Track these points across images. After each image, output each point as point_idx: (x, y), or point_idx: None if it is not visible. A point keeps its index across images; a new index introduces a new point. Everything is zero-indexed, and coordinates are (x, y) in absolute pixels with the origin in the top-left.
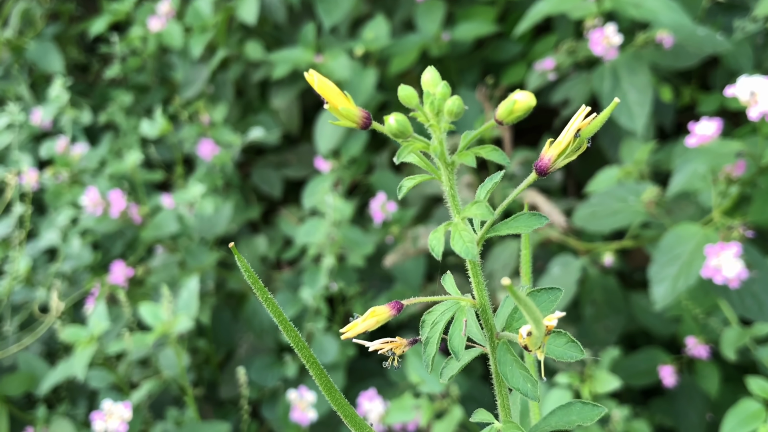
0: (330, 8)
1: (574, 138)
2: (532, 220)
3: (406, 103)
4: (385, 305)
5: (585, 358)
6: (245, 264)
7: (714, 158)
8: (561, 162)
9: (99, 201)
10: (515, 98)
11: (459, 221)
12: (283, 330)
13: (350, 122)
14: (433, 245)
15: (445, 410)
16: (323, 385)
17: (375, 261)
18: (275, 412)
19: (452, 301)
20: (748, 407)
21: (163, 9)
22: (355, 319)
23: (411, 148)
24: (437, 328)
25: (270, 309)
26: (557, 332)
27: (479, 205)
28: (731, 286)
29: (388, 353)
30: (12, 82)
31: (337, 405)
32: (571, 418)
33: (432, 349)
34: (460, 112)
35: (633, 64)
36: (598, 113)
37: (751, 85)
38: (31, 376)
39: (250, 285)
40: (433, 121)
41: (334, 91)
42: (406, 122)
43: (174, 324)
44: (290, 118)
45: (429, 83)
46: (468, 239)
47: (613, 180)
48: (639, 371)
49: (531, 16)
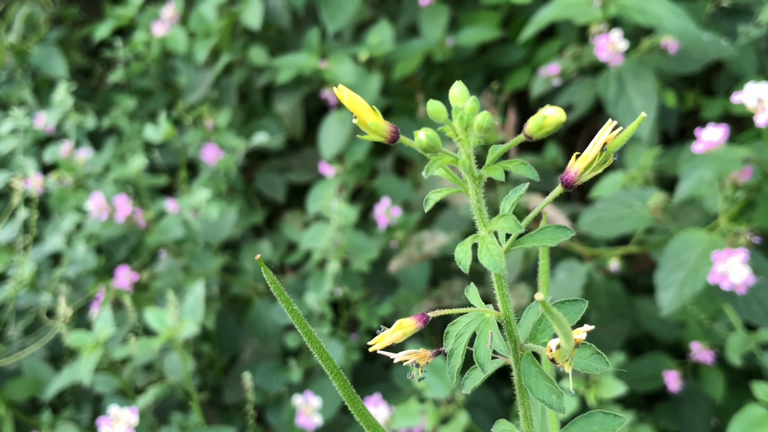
0: (334, 13)
1: (600, 152)
2: (557, 233)
3: (435, 118)
4: (411, 318)
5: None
6: (271, 275)
7: (721, 164)
8: (587, 175)
9: (104, 206)
10: (545, 114)
11: (486, 234)
12: (302, 333)
13: (379, 137)
14: (460, 258)
15: (450, 416)
16: (338, 383)
17: (379, 266)
18: (280, 417)
19: (477, 313)
20: (753, 413)
21: (167, 14)
22: (382, 331)
23: (440, 163)
24: (462, 339)
25: (295, 320)
26: (583, 344)
27: (506, 219)
28: (738, 292)
29: (412, 365)
30: (16, 87)
31: (351, 403)
32: (593, 428)
33: (457, 361)
34: (490, 126)
35: (638, 70)
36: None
37: (758, 91)
38: (36, 380)
39: (275, 294)
40: (462, 136)
41: (363, 107)
42: (436, 137)
43: (180, 329)
44: (294, 123)
45: (457, 98)
46: (496, 253)
47: (618, 185)
48: (644, 376)
49: (536, 21)
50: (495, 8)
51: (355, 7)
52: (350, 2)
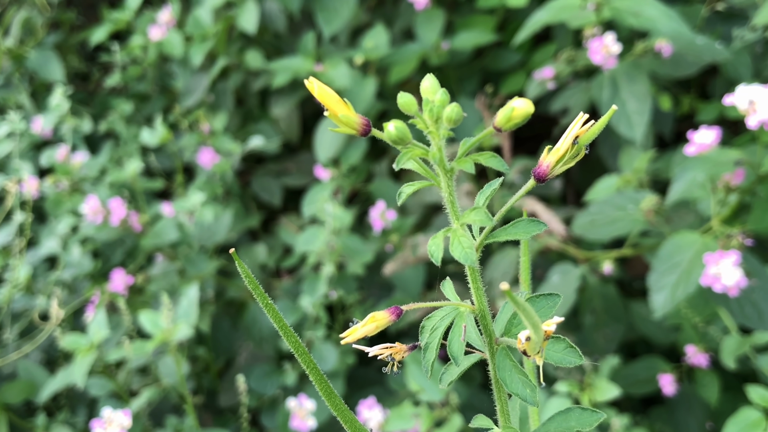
0: (330, 17)
1: (572, 145)
2: (530, 227)
3: (405, 110)
4: (384, 311)
5: (584, 366)
6: (246, 270)
7: (713, 166)
8: (559, 169)
9: (99, 209)
10: (513, 105)
11: (458, 227)
12: (283, 335)
13: (350, 129)
14: (432, 251)
15: (444, 418)
16: (323, 391)
17: (374, 269)
18: (275, 421)
19: (451, 307)
20: (748, 416)
21: (164, 18)
22: (354, 324)
23: (410, 155)
24: (436, 333)
25: (270, 314)
26: (556, 338)
27: (478, 212)
28: (730, 294)
29: (387, 359)
30: (13, 91)
31: (337, 410)
32: (570, 424)
33: (431, 355)
34: (459, 118)
35: (632, 73)
36: (597, 121)
37: (749, 93)
38: (31, 384)
39: (251, 291)
40: (432, 128)
41: (333, 98)
42: (405, 129)
43: (173, 332)
44: (290, 127)
45: (428, 90)
46: (467, 245)
47: (612, 188)
48: (639, 380)
49: (530, 25)
50: (491, 12)
51: (351, 10)
52: (346, 6)
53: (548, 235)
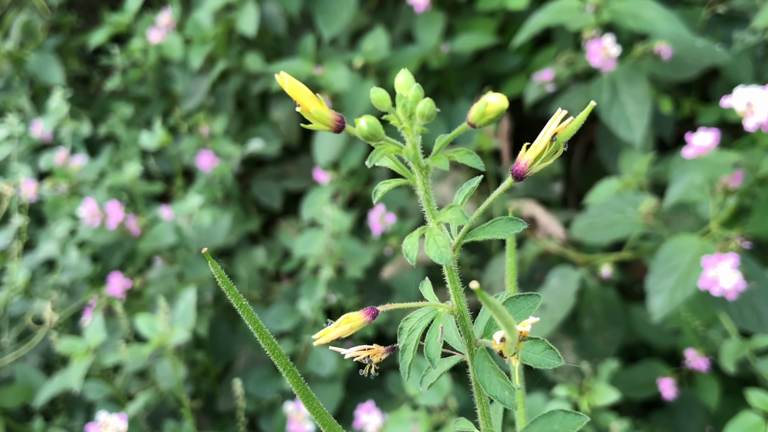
0: (329, 20)
1: (550, 142)
2: (509, 225)
3: (378, 105)
4: (359, 311)
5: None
6: (219, 271)
7: (711, 169)
8: (537, 166)
9: (96, 212)
10: (487, 101)
11: (434, 226)
12: (258, 336)
13: (323, 125)
14: (407, 251)
15: (443, 422)
16: (301, 394)
17: (373, 273)
18: (272, 425)
19: (430, 308)
20: (748, 420)
21: (163, 21)
22: (328, 325)
23: (383, 152)
24: (414, 335)
25: (245, 315)
26: (534, 339)
27: (454, 210)
28: (728, 298)
29: (365, 360)
30: (12, 94)
31: (316, 414)
32: (553, 427)
33: (408, 357)
34: (432, 114)
35: (631, 76)
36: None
37: (747, 95)
38: (28, 387)
39: (225, 290)
40: (405, 124)
41: (305, 94)
42: (377, 124)
43: (170, 335)
44: (290, 130)
45: (402, 86)
46: (442, 244)
47: (612, 192)
48: (639, 384)
49: (529, 27)
50: (491, 15)
51: (351, 13)
52: (346, 9)
53: (548, 239)
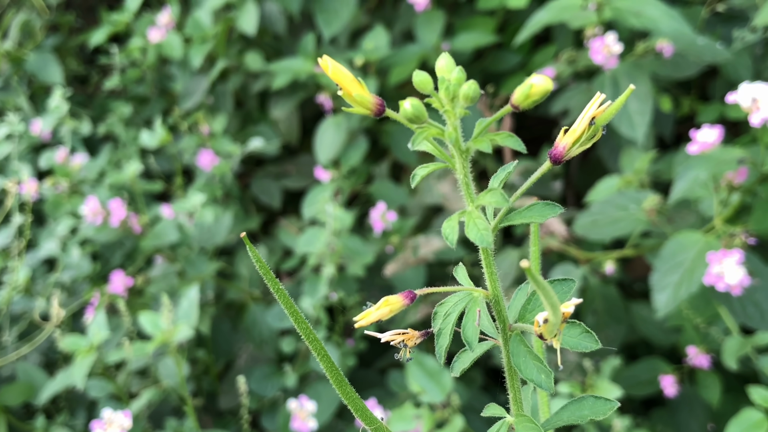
0: (330, 19)
1: (588, 126)
2: (546, 210)
3: (420, 88)
4: (398, 294)
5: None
6: (258, 256)
7: (716, 165)
8: (576, 150)
9: (99, 210)
10: (532, 82)
11: (473, 209)
12: (294, 322)
13: (364, 109)
14: (446, 234)
15: (446, 420)
16: (334, 379)
17: (375, 271)
18: (275, 423)
19: (465, 292)
20: (749, 417)
21: (163, 20)
22: (368, 307)
23: (425, 135)
24: (450, 319)
25: (282, 301)
26: (572, 322)
27: (494, 193)
28: (734, 294)
29: (399, 345)
30: (11, 94)
31: (348, 399)
32: (583, 413)
33: (445, 341)
34: (476, 96)
35: (633, 73)
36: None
37: (752, 91)
38: (30, 386)
39: (264, 278)
40: (447, 107)
41: (348, 78)
42: (421, 107)
43: (174, 333)
44: (290, 129)
45: (444, 69)
46: (482, 227)
47: (613, 189)
48: (640, 381)
49: (531, 25)
50: (491, 14)
51: (351, 12)
52: (346, 8)
53: (549, 236)
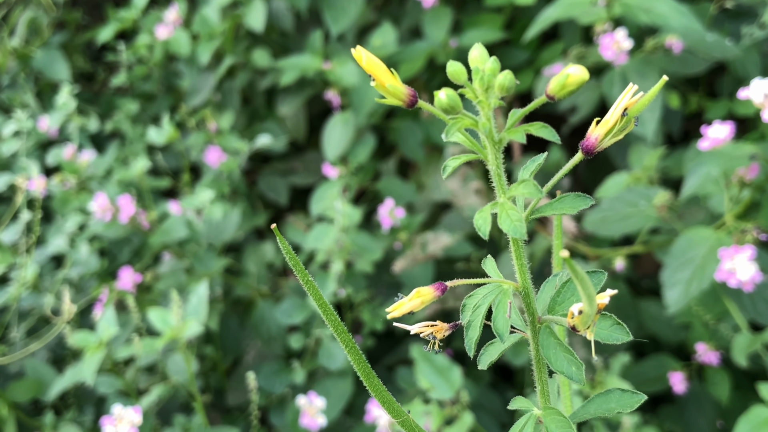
0: (337, 16)
1: (621, 117)
2: (577, 201)
3: (454, 79)
4: (429, 286)
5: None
6: (286, 245)
7: (727, 161)
8: (608, 141)
9: (108, 206)
10: (568, 72)
11: (505, 201)
12: (322, 312)
13: (397, 100)
14: (479, 225)
15: (455, 416)
16: (361, 371)
17: (383, 267)
18: (284, 419)
19: (494, 284)
20: (759, 414)
21: (170, 17)
22: (400, 298)
23: (459, 125)
24: (479, 311)
25: (309, 290)
26: (603, 314)
27: (527, 184)
28: (745, 290)
29: (429, 337)
30: (19, 91)
31: (375, 391)
32: (611, 406)
33: (475, 333)
34: (512, 86)
35: (643, 69)
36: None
37: (765, 87)
38: (39, 382)
39: (291, 266)
40: (482, 98)
41: (381, 68)
42: (456, 97)
43: (183, 329)
44: (297, 126)
45: (477, 60)
46: (516, 218)
47: (623, 186)
48: (649, 378)
49: (540, 21)
50: (498, 10)
51: (359, 9)
52: (353, 4)
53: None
